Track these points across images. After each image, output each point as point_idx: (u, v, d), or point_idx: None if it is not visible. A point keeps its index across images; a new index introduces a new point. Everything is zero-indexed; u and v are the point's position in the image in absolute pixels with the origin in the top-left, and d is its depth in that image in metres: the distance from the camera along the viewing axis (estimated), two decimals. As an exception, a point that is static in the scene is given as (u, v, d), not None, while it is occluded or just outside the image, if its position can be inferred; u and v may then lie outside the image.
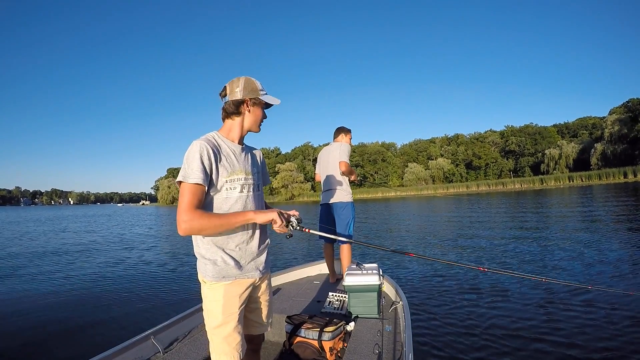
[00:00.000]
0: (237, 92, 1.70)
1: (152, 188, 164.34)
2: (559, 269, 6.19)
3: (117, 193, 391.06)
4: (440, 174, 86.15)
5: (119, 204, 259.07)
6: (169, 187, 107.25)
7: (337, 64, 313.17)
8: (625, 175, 52.83)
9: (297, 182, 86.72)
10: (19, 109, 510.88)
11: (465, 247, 9.06)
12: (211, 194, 1.64)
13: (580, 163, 70.79)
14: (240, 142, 1.79)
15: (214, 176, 1.61)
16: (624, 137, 62.78)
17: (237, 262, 1.68)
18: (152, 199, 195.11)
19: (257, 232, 1.75)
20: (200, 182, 1.54)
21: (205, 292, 1.70)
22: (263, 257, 1.80)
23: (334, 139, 4.36)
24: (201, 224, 1.51)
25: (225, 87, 1.75)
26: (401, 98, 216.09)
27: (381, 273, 3.24)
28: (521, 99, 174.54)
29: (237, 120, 1.74)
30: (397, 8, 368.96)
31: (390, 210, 22.36)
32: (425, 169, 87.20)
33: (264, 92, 1.75)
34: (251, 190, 1.74)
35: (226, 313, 1.65)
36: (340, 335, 2.58)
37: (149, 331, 2.43)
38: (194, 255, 1.72)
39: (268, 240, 1.83)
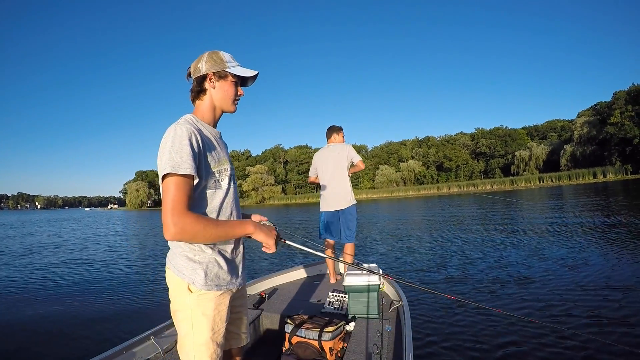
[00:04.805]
0: (199, 67, 1.48)
1: (120, 192, 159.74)
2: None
3: (85, 197, 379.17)
4: (411, 176, 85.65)
5: (86, 208, 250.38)
6: (137, 191, 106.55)
7: (308, 67, 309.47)
8: (594, 176, 54.10)
9: (267, 184, 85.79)
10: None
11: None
12: (199, 188, 1.36)
13: (550, 164, 71.96)
14: (216, 126, 1.54)
15: (202, 167, 1.35)
16: (592, 139, 63.56)
17: (232, 268, 1.47)
18: (121, 202, 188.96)
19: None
20: (193, 173, 1.27)
21: (190, 303, 1.39)
22: (244, 263, 1.58)
23: (327, 139, 4.25)
24: (195, 231, 1.22)
25: (189, 67, 1.55)
26: (372, 100, 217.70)
27: (381, 273, 3.11)
28: (491, 101, 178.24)
29: (205, 100, 1.50)
30: (364, 10, 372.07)
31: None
32: (397, 171, 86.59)
33: (234, 64, 1.50)
34: (234, 182, 1.51)
35: (215, 328, 1.41)
36: (340, 336, 2.55)
37: (149, 331, 2.40)
38: None
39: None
